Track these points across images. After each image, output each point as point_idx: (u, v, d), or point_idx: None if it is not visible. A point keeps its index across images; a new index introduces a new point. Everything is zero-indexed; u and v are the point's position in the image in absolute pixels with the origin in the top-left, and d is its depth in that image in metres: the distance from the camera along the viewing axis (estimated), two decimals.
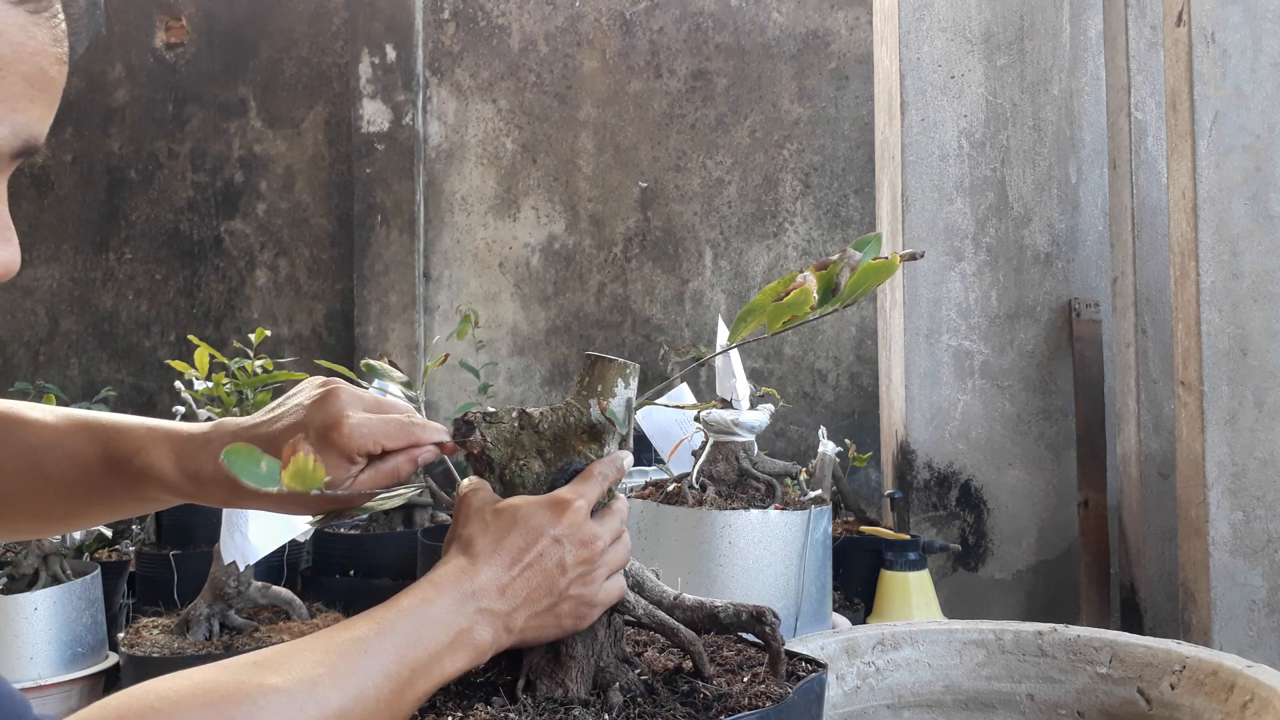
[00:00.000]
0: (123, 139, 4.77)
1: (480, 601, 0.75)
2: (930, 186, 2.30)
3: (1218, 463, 1.65)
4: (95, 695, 1.70)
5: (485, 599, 0.75)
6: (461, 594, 0.75)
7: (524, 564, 0.77)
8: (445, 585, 0.75)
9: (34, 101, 0.57)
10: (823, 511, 1.48)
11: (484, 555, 0.77)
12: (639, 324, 4.33)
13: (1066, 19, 2.32)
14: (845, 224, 4.20)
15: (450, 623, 0.74)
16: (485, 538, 0.78)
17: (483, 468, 0.84)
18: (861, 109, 4.14)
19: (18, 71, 0.56)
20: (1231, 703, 1.05)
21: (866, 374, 4.10)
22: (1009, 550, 2.28)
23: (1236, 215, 1.65)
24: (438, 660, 0.73)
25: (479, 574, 0.76)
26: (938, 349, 2.28)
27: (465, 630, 0.74)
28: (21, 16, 0.55)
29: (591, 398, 0.82)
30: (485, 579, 0.76)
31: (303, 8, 4.64)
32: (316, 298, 4.61)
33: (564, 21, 4.40)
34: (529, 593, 0.77)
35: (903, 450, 2.32)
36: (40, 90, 0.57)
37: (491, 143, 4.45)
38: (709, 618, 0.85)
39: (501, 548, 0.77)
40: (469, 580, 0.76)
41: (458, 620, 0.74)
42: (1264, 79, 1.65)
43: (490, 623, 0.75)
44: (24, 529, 1.04)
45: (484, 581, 0.76)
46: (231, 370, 2.04)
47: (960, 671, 1.23)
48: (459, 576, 0.76)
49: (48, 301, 4.80)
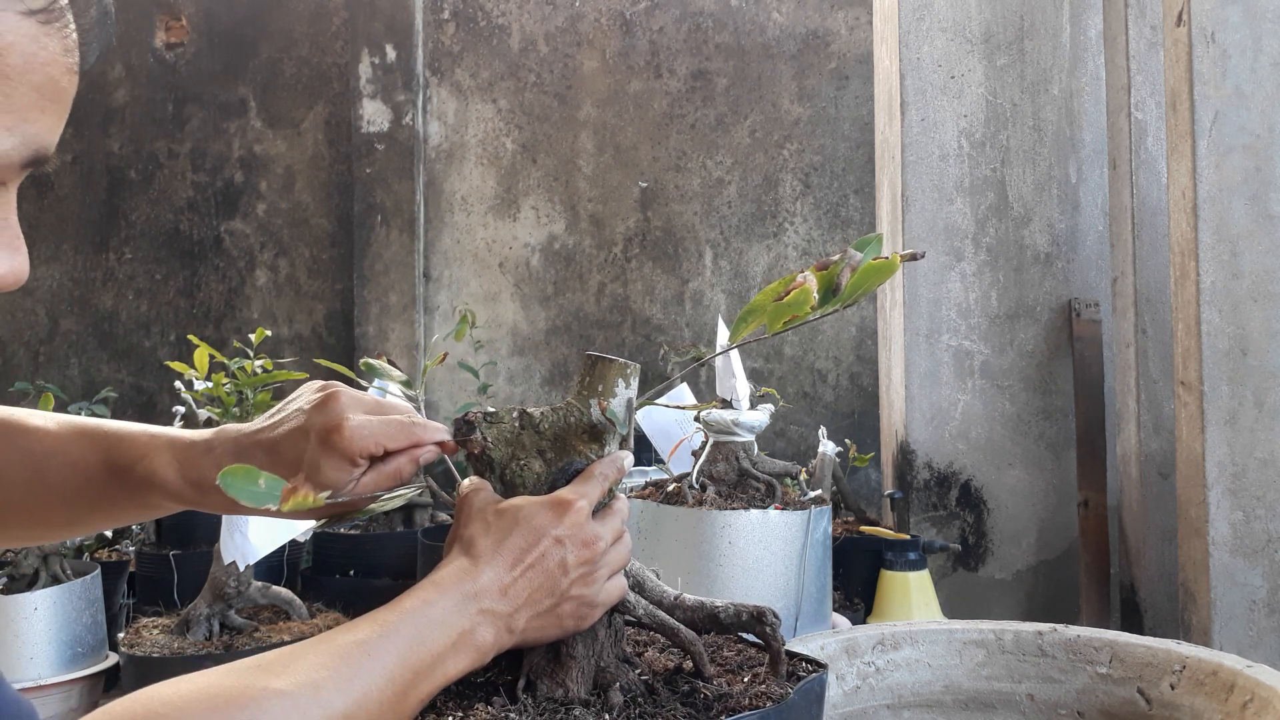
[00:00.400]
0: (123, 139, 4.77)
1: (482, 602, 0.75)
2: (930, 186, 2.30)
3: (1218, 463, 1.65)
4: (95, 695, 1.70)
5: (487, 600, 0.75)
6: (463, 595, 0.75)
7: (526, 564, 0.77)
8: (447, 586, 0.75)
9: (44, 112, 0.57)
10: (823, 511, 1.48)
11: (486, 556, 0.77)
12: (639, 324, 4.33)
13: (1066, 19, 2.32)
14: (845, 224, 4.20)
15: (452, 624, 0.73)
16: (487, 538, 0.78)
17: (483, 468, 0.84)
18: (861, 109, 4.14)
19: (29, 82, 0.56)
20: (1231, 703, 1.05)
21: (866, 374, 4.10)
22: (1009, 550, 2.28)
23: (1236, 215, 1.65)
24: (440, 662, 0.72)
25: (481, 575, 0.76)
26: (938, 349, 2.28)
27: (467, 631, 0.74)
28: (34, 28, 0.55)
29: (592, 398, 0.82)
30: (487, 580, 0.76)
31: (303, 8, 4.64)
32: (316, 298, 4.61)
33: (564, 21, 4.40)
34: (531, 593, 0.77)
35: (903, 450, 2.32)
36: (51, 100, 0.57)
37: (491, 143, 4.45)
38: (709, 618, 0.85)
39: (503, 548, 0.77)
40: (471, 581, 0.75)
41: (460, 621, 0.74)
42: (1264, 79, 1.65)
43: (492, 623, 0.75)
44: (26, 536, 1.04)
45: (486, 582, 0.75)
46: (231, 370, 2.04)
47: (960, 671, 1.23)
48: (461, 577, 0.76)
49: (48, 301, 4.80)
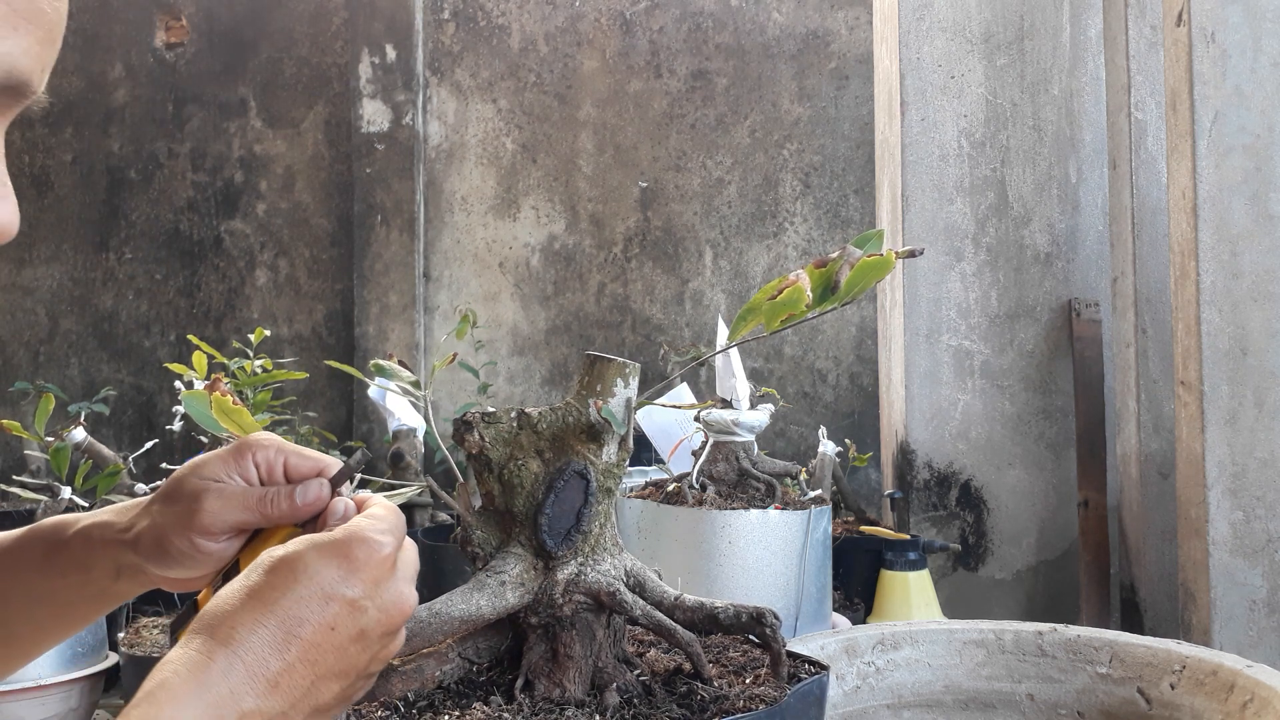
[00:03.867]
0: (123, 139, 4.77)
1: (243, 703, 0.55)
2: (930, 186, 2.29)
3: (1218, 463, 1.65)
4: (95, 695, 1.70)
5: (250, 698, 0.55)
6: (213, 700, 0.54)
7: (305, 641, 0.57)
8: (182, 692, 0.54)
9: (16, 30, 0.49)
10: (823, 511, 1.48)
11: (242, 633, 0.56)
12: (639, 324, 4.33)
13: (1066, 19, 2.32)
14: (845, 224, 4.20)
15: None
16: (249, 607, 0.58)
17: (481, 468, 0.84)
18: (861, 109, 4.14)
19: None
20: (1231, 702, 1.04)
21: (866, 374, 4.10)
22: (1009, 550, 2.28)
23: (1236, 215, 1.65)
24: None
25: (234, 665, 0.55)
26: (938, 349, 2.28)
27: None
28: None
29: (591, 397, 0.82)
30: (245, 670, 0.56)
31: (303, 8, 4.64)
32: (316, 298, 4.61)
33: (564, 21, 4.40)
34: (315, 680, 0.57)
35: (903, 450, 2.31)
36: (26, 20, 0.50)
37: (491, 142, 4.45)
38: (709, 619, 0.85)
39: (268, 619, 0.57)
40: (221, 678, 0.55)
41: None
42: (1264, 79, 1.65)
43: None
44: None
45: (242, 675, 0.55)
46: (231, 370, 2.04)
47: (960, 671, 1.23)
48: (202, 672, 0.55)
49: (48, 301, 4.80)
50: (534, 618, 0.81)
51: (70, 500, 1.78)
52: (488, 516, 0.85)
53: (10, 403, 4.53)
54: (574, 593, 0.81)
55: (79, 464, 1.85)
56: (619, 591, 0.82)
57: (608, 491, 0.83)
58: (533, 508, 0.82)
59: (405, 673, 0.78)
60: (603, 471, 0.83)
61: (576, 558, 0.82)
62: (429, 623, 0.78)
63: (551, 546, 0.81)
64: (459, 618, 0.79)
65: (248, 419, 0.76)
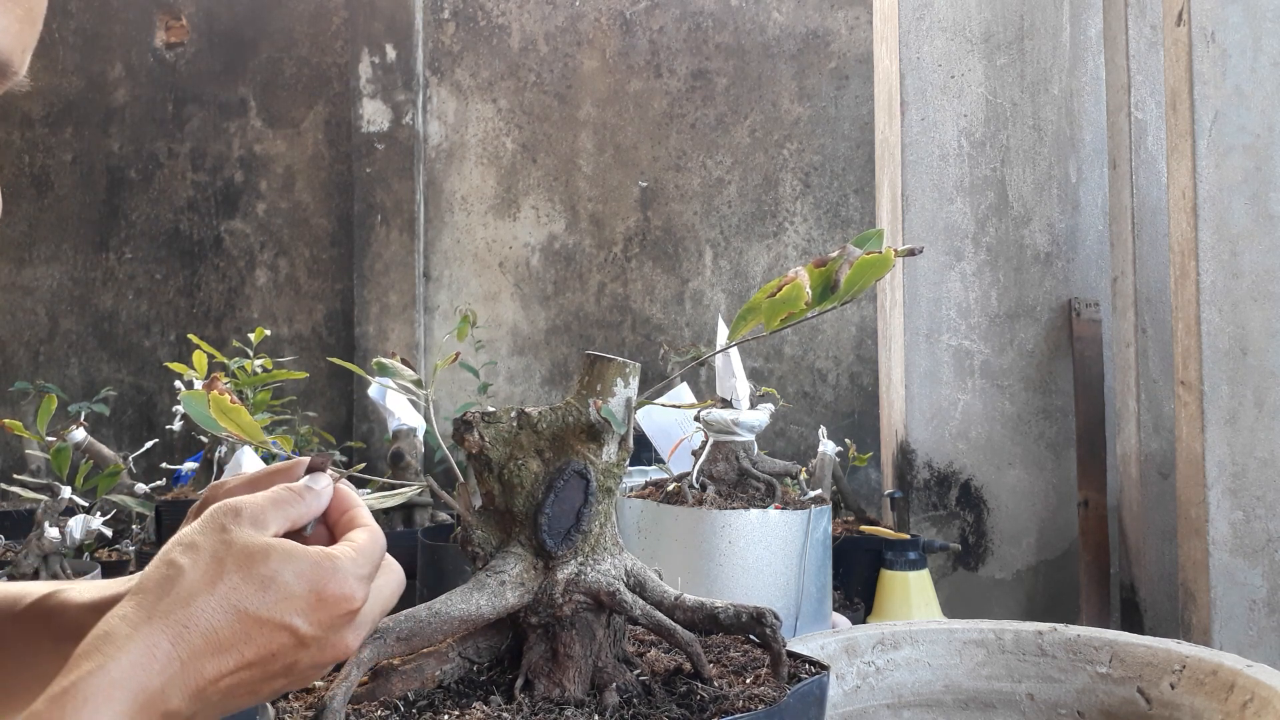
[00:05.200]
0: (123, 139, 4.77)
1: (170, 701, 0.54)
2: (930, 186, 2.29)
3: (1218, 462, 1.65)
4: None
5: (176, 697, 0.54)
6: (145, 701, 0.53)
7: (248, 662, 0.56)
8: (122, 678, 0.52)
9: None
10: (823, 511, 1.48)
11: (194, 634, 0.55)
12: (639, 324, 4.33)
13: (1066, 19, 2.32)
14: (845, 224, 4.20)
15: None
16: (210, 607, 0.56)
17: (481, 467, 0.84)
18: (861, 109, 4.14)
19: None
20: (1231, 702, 1.04)
21: (866, 374, 4.10)
22: (1009, 550, 2.28)
23: (1236, 215, 1.65)
24: None
25: (173, 663, 0.54)
26: (938, 349, 2.28)
27: None
28: None
29: (591, 397, 0.82)
30: (181, 669, 0.54)
31: (303, 8, 4.64)
32: (316, 297, 4.61)
33: (564, 21, 4.40)
34: (231, 690, 0.57)
35: (903, 450, 2.31)
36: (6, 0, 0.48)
37: (491, 142, 4.45)
38: (709, 619, 0.85)
39: (224, 628, 0.56)
40: (159, 674, 0.53)
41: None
42: (1264, 79, 1.65)
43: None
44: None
45: (178, 674, 0.54)
46: (231, 370, 2.04)
47: (960, 671, 1.23)
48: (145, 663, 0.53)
49: (48, 301, 4.80)
50: (534, 617, 0.81)
51: (70, 500, 1.78)
52: (488, 516, 0.85)
53: (10, 403, 4.53)
54: (574, 592, 0.81)
55: (79, 464, 1.85)
56: (619, 591, 0.82)
57: (608, 491, 0.83)
58: (533, 507, 0.82)
59: (405, 672, 0.78)
60: (603, 471, 0.83)
61: (576, 557, 0.82)
62: (429, 622, 0.78)
63: (551, 546, 0.81)
64: (459, 617, 0.79)
65: (246, 418, 0.76)
